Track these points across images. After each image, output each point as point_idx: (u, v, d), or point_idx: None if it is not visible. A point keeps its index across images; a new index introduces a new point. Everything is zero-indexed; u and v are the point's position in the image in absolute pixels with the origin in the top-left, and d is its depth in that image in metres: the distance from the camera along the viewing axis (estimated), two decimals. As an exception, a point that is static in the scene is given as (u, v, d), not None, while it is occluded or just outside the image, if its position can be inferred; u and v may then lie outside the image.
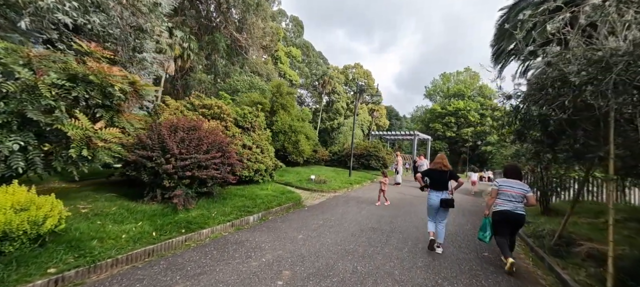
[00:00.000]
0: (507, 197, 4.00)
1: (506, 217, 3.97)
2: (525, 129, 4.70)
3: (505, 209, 3.97)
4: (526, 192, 3.99)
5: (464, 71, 52.27)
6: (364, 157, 19.64)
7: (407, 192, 11.03)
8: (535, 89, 3.89)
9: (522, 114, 4.41)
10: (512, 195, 3.99)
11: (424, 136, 24.96)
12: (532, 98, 3.93)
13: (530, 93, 3.97)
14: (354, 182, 12.45)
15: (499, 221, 4.03)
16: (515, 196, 3.97)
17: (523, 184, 4.11)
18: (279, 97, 13.14)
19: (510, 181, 4.12)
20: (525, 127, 4.68)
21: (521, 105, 4.26)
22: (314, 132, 15.57)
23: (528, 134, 4.80)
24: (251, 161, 7.81)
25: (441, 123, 45.77)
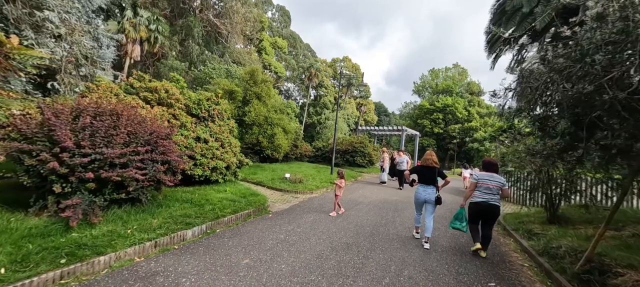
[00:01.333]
0: (485, 190, 4.26)
1: (481, 208, 4.22)
2: (548, 118, 3.57)
3: (481, 201, 4.22)
4: (502, 185, 4.26)
5: (453, 67, 52.00)
6: (348, 154, 18.51)
7: (393, 194, 9.92)
8: (573, 58, 2.72)
9: (547, 95, 3.26)
10: (489, 187, 4.24)
11: (412, 132, 24.09)
12: (567, 71, 2.77)
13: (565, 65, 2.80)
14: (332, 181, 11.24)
15: (475, 211, 4.30)
16: (492, 188, 4.23)
17: (500, 177, 4.32)
18: (252, 85, 11.71)
19: (488, 174, 4.34)
20: (546, 116, 3.56)
21: (547, 82, 3.09)
22: (293, 126, 14.23)
23: (551, 126, 3.67)
24: (206, 157, 6.43)
25: (429, 119, 45.33)
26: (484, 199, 4.20)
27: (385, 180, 11.90)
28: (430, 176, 4.70)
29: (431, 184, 4.70)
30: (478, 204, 4.24)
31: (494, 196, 4.21)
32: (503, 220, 6.44)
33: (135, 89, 6.31)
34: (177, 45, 20.51)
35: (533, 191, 6.08)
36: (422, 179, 4.76)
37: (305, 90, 42.65)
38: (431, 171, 4.71)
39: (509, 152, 6.53)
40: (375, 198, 8.56)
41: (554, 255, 4.07)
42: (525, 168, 6.43)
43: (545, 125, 3.76)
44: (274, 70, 37.08)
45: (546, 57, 3.49)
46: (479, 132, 43.75)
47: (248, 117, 11.00)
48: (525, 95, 3.51)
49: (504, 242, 5.18)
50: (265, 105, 11.87)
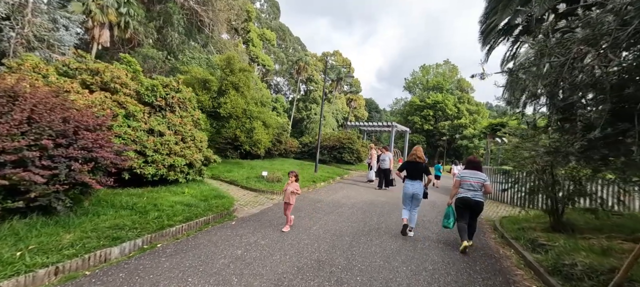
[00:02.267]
0: (468, 187, 4.43)
1: (466, 202, 4.38)
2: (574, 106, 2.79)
3: (465, 196, 4.39)
4: (484, 181, 4.42)
5: (444, 64, 51.84)
6: (336, 150, 17.70)
7: (380, 194, 9.16)
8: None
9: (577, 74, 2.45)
10: (472, 184, 4.41)
11: (402, 128, 23.49)
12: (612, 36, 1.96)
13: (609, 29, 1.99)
14: (320, 179, 10.42)
15: (460, 206, 4.43)
16: (475, 185, 4.40)
17: (482, 174, 4.49)
18: (229, 74, 10.67)
19: (471, 172, 4.53)
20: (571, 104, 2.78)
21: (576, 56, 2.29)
22: (278, 120, 13.30)
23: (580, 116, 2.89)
24: (161, 153, 5.45)
25: (419, 116, 45.02)
26: (469, 195, 4.39)
27: (373, 178, 11.15)
28: (417, 170, 4.93)
29: (418, 179, 4.91)
30: (463, 198, 4.43)
31: (477, 192, 4.40)
32: (500, 226, 5.74)
33: (73, 70, 5.25)
34: (154, 33, 19.08)
35: (533, 194, 5.38)
36: (409, 174, 4.97)
37: (294, 84, 41.52)
38: (417, 166, 4.94)
39: (508, 149, 5.81)
40: (359, 199, 7.77)
41: (568, 275, 3.34)
42: (525, 167, 5.74)
43: (570, 116, 2.99)
44: (262, 63, 35.81)
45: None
46: (469, 129, 43.76)
47: (224, 109, 9.99)
48: (544, 76, 2.71)
49: (504, 254, 4.46)
50: (244, 97, 10.87)
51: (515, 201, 8.25)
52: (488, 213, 7.45)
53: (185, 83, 10.27)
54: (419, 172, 4.91)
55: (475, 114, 45.15)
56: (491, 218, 6.82)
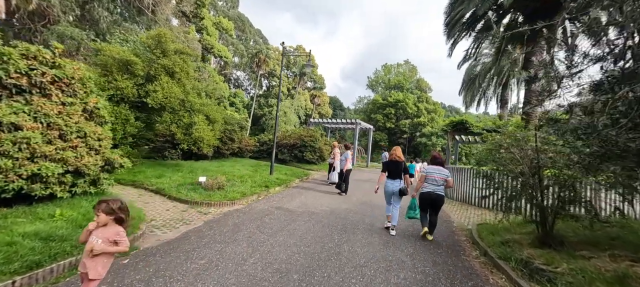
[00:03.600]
0: (432, 181, 4.81)
1: (429, 196, 4.76)
2: None
3: (428, 190, 4.78)
4: (446, 177, 4.82)
5: (404, 63, 53.42)
6: (297, 148, 16.33)
7: (343, 200, 8.01)
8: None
9: None
10: (435, 179, 4.80)
11: (366, 125, 22.94)
12: None
13: None
14: (275, 182, 8.96)
15: (424, 199, 4.81)
16: (438, 180, 4.79)
17: (445, 170, 4.88)
18: (160, 56, 8.64)
19: (435, 168, 4.90)
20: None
21: None
22: (222, 113, 11.45)
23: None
24: (10, 157, 3.56)
25: (382, 114, 45.67)
26: (431, 190, 4.75)
27: (335, 180, 10.00)
28: (397, 169, 5.17)
29: (398, 177, 5.15)
30: (427, 192, 4.78)
31: (439, 186, 4.77)
32: (479, 237, 4.90)
33: None
34: (76, 9, 15.71)
35: (512, 201, 4.60)
36: (390, 173, 5.23)
37: (255, 79, 39.05)
38: (397, 165, 5.19)
39: (489, 148, 4.99)
40: (319, 209, 6.50)
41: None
42: (506, 168, 4.96)
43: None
44: (218, 54, 32.86)
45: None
46: (427, 127, 45.55)
47: (153, 99, 7.99)
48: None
49: (495, 282, 3.50)
50: (181, 85, 8.91)
51: (490, 204, 7.69)
52: (461, 219, 6.72)
53: (101, 65, 8.06)
54: (399, 171, 5.18)
55: (433, 113, 47.13)
56: (466, 226, 6.04)
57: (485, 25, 10.95)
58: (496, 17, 10.96)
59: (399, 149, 5.43)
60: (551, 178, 4.04)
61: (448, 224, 6.14)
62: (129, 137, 8.31)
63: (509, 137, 4.42)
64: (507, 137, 4.45)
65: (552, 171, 4.12)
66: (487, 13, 9.98)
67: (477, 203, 8.09)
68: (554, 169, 4.01)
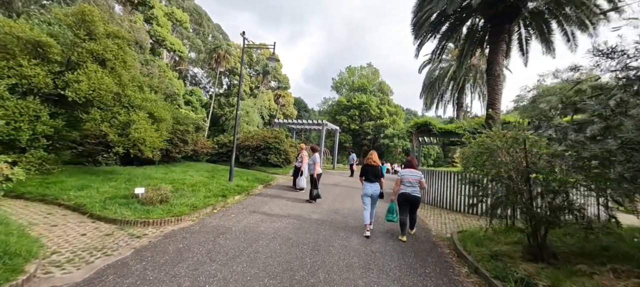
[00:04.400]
0: (408, 183, 5.18)
1: (406, 197, 5.13)
2: None
3: (405, 192, 5.15)
4: (420, 178, 5.22)
5: (367, 66, 54.67)
6: (260, 150, 15.15)
7: (313, 209, 7.21)
8: None
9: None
10: (410, 181, 5.18)
11: (332, 127, 22.51)
12: None
13: None
14: (234, 190, 7.83)
15: (402, 201, 5.15)
16: (413, 181, 5.18)
17: (418, 172, 5.30)
18: (85, 39, 6.97)
19: (410, 171, 5.31)
20: None
21: None
22: (170, 112, 9.89)
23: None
24: None
25: (346, 115, 46.03)
26: (408, 191, 5.13)
27: (304, 186, 9.18)
28: (374, 173, 5.31)
29: (375, 181, 5.29)
30: (404, 194, 5.14)
31: (415, 187, 5.14)
32: (464, 249, 4.46)
33: None
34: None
35: (498, 208, 4.24)
36: (367, 177, 5.34)
37: (215, 77, 36.43)
38: (374, 169, 5.34)
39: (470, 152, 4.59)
40: (285, 222, 5.61)
41: None
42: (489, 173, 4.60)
43: None
44: (171, 47, 29.90)
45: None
46: (389, 129, 47.05)
47: (74, 91, 6.35)
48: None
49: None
50: (116, 76, 7.33)
51: (461, 207, 7.49)
52: (438, 226, 6.35)
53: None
54: (377, 175, 5.34)
55: (394, 115, 48.84)
56: (445, 235, 5.64)
57: (450, 26, 11.08)
58: (459, 21, 11.16)
59: (375, 153, 5.56)
60: (543, 184, 3.69)
61: (427, 233, 5.69)
62: (41, 139, 6.53)
63: (500, 138, 4.03)
64: (497, 138, 4.06)
65: (542, 175, 3.77)
66: (452, 15, 10.03)
67: (448, 206, 7.91)
68: (544, 174, 3.66)
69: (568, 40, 9.67)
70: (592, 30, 8.86)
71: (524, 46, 10.94)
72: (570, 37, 9.66)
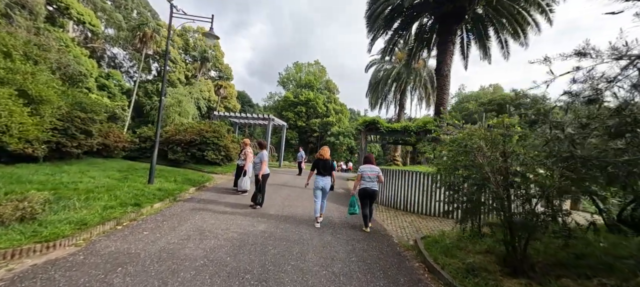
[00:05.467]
0: (367, 179, 5.51)
1: (366, 191, 5.49)
2: None
3: (365, 187, 5.50)
4: (378, 173, 5.55)
5: (314, 64, 54.50)
6: (195, 146, 13.04)
7: (255, 219, 6.01)
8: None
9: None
10: (369, 176, 5.52)
11: (280, 122, 21.22)
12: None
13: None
14: (155, 195, 6.10)
15: (362, 195, 5.51)
16: (372, 176, 5.52)
17: (376, 168, 5.61)
18: None
19: (368, 166, 5.61)
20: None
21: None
22: (56, 91, 7.34)
23: None
24: None
25: (293, 112, 45.04)
26: (368, 186, 5.50)
27: (247, 188, 7.85)
28: (325, 166, 5.63)
29: (327, 175, 5.62)
30: (364, 189, 5.51)
31: (373, 182, 5.53)
32: (434, 261, 3.92)
33: None
34: None
35: (474, 214, 3.82)
36: (319, 170, 5.63)
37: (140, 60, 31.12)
38: (325, 163, 5.65)
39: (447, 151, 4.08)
40: (219, 240, 4.32)
41: None
42: (457, 170, 4.17)
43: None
44: (78, 18, 24.28)
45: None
46: (335, 126, 47.74)
47: None
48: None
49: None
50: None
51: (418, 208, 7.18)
52: (397, 231, 5.85)
53: None
54: (328, 168, 5.62)
55: (340, 114, 49.79)
56: (408, 243, 5.12)
57: (402, 23, 11.04)
58: (410, 19, 11.21)
59: (326, 148, 5.87)
60: (522, 187, 3.31)
61: (389, 241, 5.09)
62: None
63: (482, 137, 3.54)
64: (479, 137, 3.56)
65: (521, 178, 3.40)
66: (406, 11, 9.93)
67: (403, 207, 7.60)
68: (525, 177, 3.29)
69: (502, 47, 10.54)
70: (523, 40, 9.78)
71: (464, 50, 11.62)
72: (504, 44, 10.54)
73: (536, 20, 9.12)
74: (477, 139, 3.53)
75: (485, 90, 58.02)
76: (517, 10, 9.18)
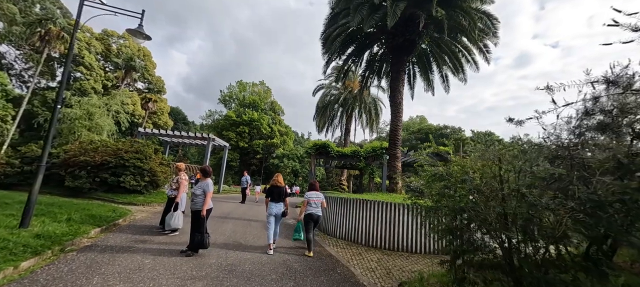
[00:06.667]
0: (313, 204, 5.87)
1: (312, 217, 5.82)
2: None
3: (311, 212, 5.83)
4: (322, 200, 6.01)
5: (260, 84, 53.18)
6: (108, 169, 10.38)
7: (192, 272, 4.54)
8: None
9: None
10: (315, 202, 5.88)
11: (221, 142, 19.11)
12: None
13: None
14: (27, 249, 4.07)
15: (308, 220, 5.81)
16: (317, 202, 5.89)
17: (321, 194, 6.08)
18: None
19: (314, 193, 5.98)
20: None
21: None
22: None
23: None
24: None
25: (235, 132, 42.27)
26: (313, 211, 5.83)
27: (179, 225, 6.12)
28: (278, 193, 5.80)
29: (280, 201, 5.81)
30: (310, 214, 5.82)
31: (318, 208, 5.89)
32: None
33: None
34: None
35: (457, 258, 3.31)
36: (273, 197, 5.77)
37: (38, 63, 25.06)
38: (279, 189, 5.83)
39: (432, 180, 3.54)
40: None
41: None
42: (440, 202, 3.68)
43: None
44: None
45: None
46: (279, 149, 46.36)
47: None
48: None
49: None
50: None
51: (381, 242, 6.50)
52: (366, 274, 5.06)
53: None
54: (281, 195, 5.83)
55: (285, 136, 48.83)
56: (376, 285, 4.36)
57: (355, 50, 11.10)
58: (363, 46, 11.40)
59: (280, 175, 5.99)
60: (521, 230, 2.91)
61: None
62: None
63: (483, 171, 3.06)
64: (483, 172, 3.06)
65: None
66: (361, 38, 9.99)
67: (365, 242, 6.89)
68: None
69: (443, 80, 11.45)
70: (462, 75, 10.78)
71: (411, 81, 12.30)
72: (444, 78, 11.46)
73: (475, 59, 10.22)
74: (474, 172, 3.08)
75: (414, 120, 65.16)
76: (459, 49, 10.17)
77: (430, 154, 16.06)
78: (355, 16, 8.45)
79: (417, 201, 4.60)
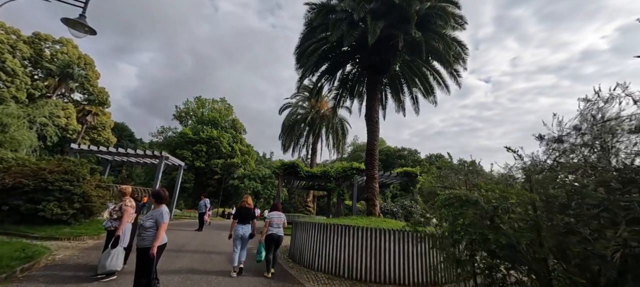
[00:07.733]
0: (275, 225, 5.86)
1: (272, 237, 5.77)
2: None
3: (272, 232, 5.80)
4: (284, 220, 6.01)
5: (220, 101, 50.83)
6: (25, 194, 8.23)
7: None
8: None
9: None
10: (277, 223, 5.89)
11: (176, 161, 17.08)
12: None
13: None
14: None
15: (269, 241, 5.73)
16: (278, 223, 5.91)
17: (282, 215, 6.06)
18: None
19: (276, 213, 6.00)
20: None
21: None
22: None
23: None
24: None
25: (191, 150, 39.01)
26: (274, 232, 5.80)
27: (118, 267, 4.73)
28: (247, 215, 5.81)
29: (248, 222, 5.80)
30: (271, 234, 5.77)
31: (279, 228, 5.87)
32: None
33: None
34: None
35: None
36: (241, 218, 5.76)
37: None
38: (248, 211, 5.84)
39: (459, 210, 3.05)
40: None
41: None
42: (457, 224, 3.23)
43: None
44: None
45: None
46: (240, 169, 43.81)
47: None
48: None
49: None
50: None
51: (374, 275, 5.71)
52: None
53: None
54: (249, 217, 5.83)
55: (246, 155, 46.53)
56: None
57: (330, 67, 10.86)
58: (338, 64, 11.23)
59: (249, 197, 6.12)
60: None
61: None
62: None
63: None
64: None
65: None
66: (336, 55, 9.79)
67: (344, 273, 6.11)
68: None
69: (414, 102, 11.73)
70: (432, 98, 11.14)
71: (383, 101, 12.40)
72: (415, 100, 11.75)
73: (446, 82, 10.66)
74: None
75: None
76: (431, 72, 10.56)
77: (399, 173, 16.22)
78: (335, 32, 8.21)
79: (417, 228, 4.10)
